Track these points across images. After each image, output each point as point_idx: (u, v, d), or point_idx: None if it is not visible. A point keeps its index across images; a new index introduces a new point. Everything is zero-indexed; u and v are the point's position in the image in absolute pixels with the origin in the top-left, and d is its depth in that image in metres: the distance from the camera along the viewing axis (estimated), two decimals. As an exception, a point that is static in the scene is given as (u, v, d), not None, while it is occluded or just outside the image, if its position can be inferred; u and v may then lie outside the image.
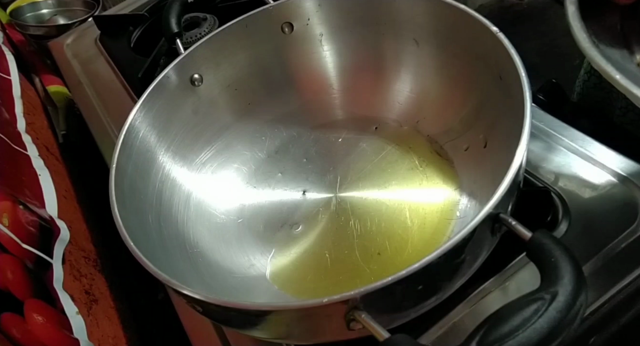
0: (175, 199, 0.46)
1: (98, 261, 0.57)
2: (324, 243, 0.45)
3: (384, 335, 0.28)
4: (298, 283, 0.43)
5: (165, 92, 0.48)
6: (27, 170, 0.55)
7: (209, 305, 0.32)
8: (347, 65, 0.54)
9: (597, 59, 0.30)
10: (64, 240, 0.50)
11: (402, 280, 0.29)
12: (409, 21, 0.48)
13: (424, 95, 0.50)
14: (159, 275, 0.33)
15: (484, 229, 0.32)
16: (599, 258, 0.40)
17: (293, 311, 0.31)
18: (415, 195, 0.46)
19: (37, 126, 0.69)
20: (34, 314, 0.39)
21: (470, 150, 0.45)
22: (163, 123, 0.47)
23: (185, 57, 0.49)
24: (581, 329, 0.37)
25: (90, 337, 0.43)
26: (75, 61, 0.80)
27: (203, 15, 0.73)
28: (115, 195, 0.38)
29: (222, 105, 0.53)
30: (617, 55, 0.32)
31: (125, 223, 0.36)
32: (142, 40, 0.78)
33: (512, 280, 0.40)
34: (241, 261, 0.45)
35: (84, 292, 0.48)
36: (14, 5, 1.00)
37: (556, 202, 0.44)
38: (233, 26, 0.50)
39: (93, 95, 0.73)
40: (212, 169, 0.51)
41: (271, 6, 0.51)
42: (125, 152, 0.42)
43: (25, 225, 0.46)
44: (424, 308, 0.34)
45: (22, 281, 0.41)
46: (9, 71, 0.72)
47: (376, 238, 0.44)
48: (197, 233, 0.45)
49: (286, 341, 0.39)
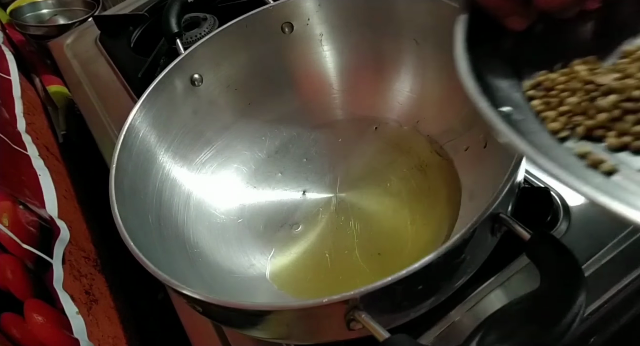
0: (175, 199, 0.46)
1: (98, 262, 0.57)
2: (324, 243, 0.45)
3: (384, 335, 0.28)
4: (298, 283, 0.43)
5: (165, 92, 0.48)
6: (27, 170, 0.55)
7: (209, 305, 0.32)
8: (347, 65, 0.54)
9: (470, 91, 0.27)
10: (64, 240, 0.50)
11: (402, 280, 0.29)
12: (409, 21, 0.48)
13: (424, 95, 0.50)
14: (159, 275, 0.33)
15: (483, 229, 0.32)
16: (599, 258, 0.40)
17: (293, 311, 0.31)
18: (415, 195, 0.46)
19: (37, 126, 0.69)
20: (34, 314, 0.39)
21: (470, 150, 0.45)
22: (163, 123, 0.47)
23: (185, 57, 0.49)
24: (581, 329, 0.37)
25: (90, 337, 0.43)
26: (75, 61, 0.80)
27: (203, 15, 0.73)
28: (115, 195, 0.38)
29: (222, 105, 0.53)
30: (505, 84, 0.30)
31: (125, 223, 0.36)
32: (142, 40, 0.78)
33: (512, 280, 0.40)
34: (241, 261, 0.45)
35: (84, 292, 0.48)
36: (14, 5, 1.00)
37: (556, 201, 0.44)
38: (233, 26, 0.50)
39: (93, 95, 0.73)
40: (212, 169, 0.51)
41: (271, 6, 0.51)
42: (125, 152, 0.42)
43: (25, 225, 0.46)
44: (424, 308, 0.34)
45: (22, 281, 0.41)
46: (9, 71, 0.72)
47: (376, 238, 0.44)
48: (197, 233, 0.45)
49: (286, 341, 0.39)
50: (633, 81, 0.27)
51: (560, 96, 0.29)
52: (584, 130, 0.27)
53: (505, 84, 0.30)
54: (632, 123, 0.26)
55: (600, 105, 0.27)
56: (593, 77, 0.28)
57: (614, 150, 0.26)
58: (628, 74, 0.28)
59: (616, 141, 0.26)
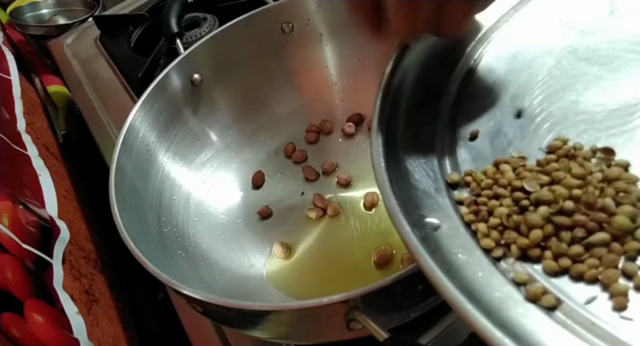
0: (175, 199, 0.46)
1: (98, 262, 0.57)
2: (324, 243, 0.45)
3: (383, 335, 0.28)
4: (298, 283, 0.43)
5: (165, 92, 0.48)
6: (27, 170, 0.55)
7: (209, 305, 0.32)
8: (347, 65, 0.54)
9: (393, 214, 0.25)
10: (64, 240, 0.50)
11: (402, 280, 0.29)
12: (409, 21, 0.48)
13: (424, 95, 0.50)
14: (159, 275, 0.33)
15: (484, 229, 0.32)
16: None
17: (293, 311, 0.31)
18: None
19: (37, 126, 0.69)
20: (34, 314, 0.39)
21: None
22: (163, 123, 0.47)
23: (185, 57, 0.49)
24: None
25: (90, 337, 0.43)
26: (75, 61, 0.80)
27: (203, 15, 0.73)
28: (115, 195, 0.38)
29: (222, 105, 0.53)
30: (431, 185, 0.28)
31: (125, 223, 0.36)
32: (142, 40, 0.78)
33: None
34: (241, 261, 0.45)
35: (84, 292, 0.48)
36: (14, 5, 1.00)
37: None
38: (233, 26, 0.50)
39: (93, 95, 0.73)
40: (212, 169, 0.51)
41: (271, 6, 0.51)
42: (125, 152, 0.42)
43: (25, 225, 0.46)
44: (424, 308, 0.34)
45: (22, 281, 0.41)
46: (9, 71, 0.72)
47: (376, 238, 0.44)
48: (197, 233, 0.45)
49: (286, 341, 0.39)
50: (563, 189, 0.24)
51: (489, 205, 0.26)
52: (517, 251, 0.24)
53: (431, 185, 0.28)
54: (567, 242, 0.23)
55: (531, 220, 0.24)
56: (519, 182, 0.26)
57: (551, 274, 0.23)
58: (556, 178, 0.25)
59: (553, 265, 0.23)
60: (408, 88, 0.32)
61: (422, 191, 0.28)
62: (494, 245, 0.25)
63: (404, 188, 0.27)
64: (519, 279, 0.23)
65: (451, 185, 0.29)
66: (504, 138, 0.29)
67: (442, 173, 0.29)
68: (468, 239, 0.26)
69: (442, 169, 0.29)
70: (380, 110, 0.30)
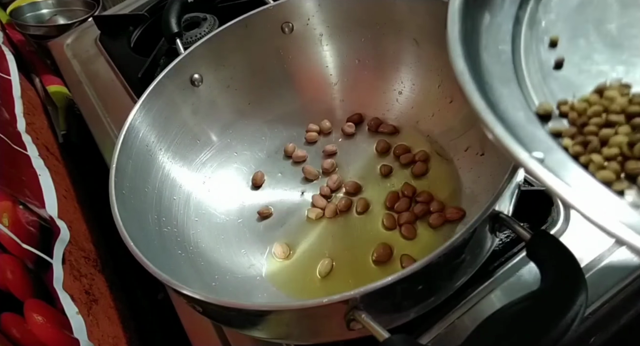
0: (175, 199, 0.46)
1: (98, 262, 0.56)
2: (323, 243, 0.45)
3: (384, 335, 0.28)
4: (298, 283, 0.43)
5: (165, 92, 0.48)
6: (27, 170, 0.55)
7: (209, 305, 0.32)
8: (347, 65, 0.54)
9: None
10: (64, 240, 0.50)
11: (402, 280, 0.29)
12: (409, 21, 0.48)
13: (424, 95, 0.50)
14: (159, 275, 0.33)
15: (483, 229, 0.32)
16: (599, 258, 0.40)
17: (293, 311, 0.31)
18: (415, 195, 0.46)
19: (37, 126, 0.69)
20: (34, 314, 0.39)
21: (470, 150, 0.45)
22: (163, 123, 0.47)
23: (185, 57, 0.49)
24: (581, 329, 0.37)
25: (90, 337, 0.43)
26: (75, 61, 0.80)
27: (203, 15, 0.73)
28: (115, 195, 0.38)
29: (222, 105, 0.53)
30: (522, 116, 0.26)
31: (125, 223, 0.36)
32: (142, 40, 0.78)
33: (512, 280, 0.40)
34: (241, 261, 0.45)
35: (84, 292, 0.48)
36: (14, 5, 1.00)
37: (556, 201, 0.44)
38: (233, 26, 0.51)
39: (93, 95, 0.73)
40: (212, 169, 0.51)
41: (271, 6, 0.51)
42: (125, 152, 0.43)
43: (25, 225, 0.46)
44: (424, 308, 0.34)
45: (22, 281, 0.41)
46: (9, 71, 0.72)
47: (376, 238, 0.44)
48: (197, 233, 0.45)
49: (286, 341, 0.39)
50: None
51: (601, 135, 0.23)
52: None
53: (522, 115, 0.25)
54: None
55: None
56: (636, 107, 0.23)
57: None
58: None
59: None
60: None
61: (511, 123, 0.25)
62: (614, 177, 0.23)
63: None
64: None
65: (542, 116, 0.26)
66: (594, 65, 0.27)
67: (528, 104, 0.27)
68: (579, 170, 0.23)
69: (527, 101, 0.27)
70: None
